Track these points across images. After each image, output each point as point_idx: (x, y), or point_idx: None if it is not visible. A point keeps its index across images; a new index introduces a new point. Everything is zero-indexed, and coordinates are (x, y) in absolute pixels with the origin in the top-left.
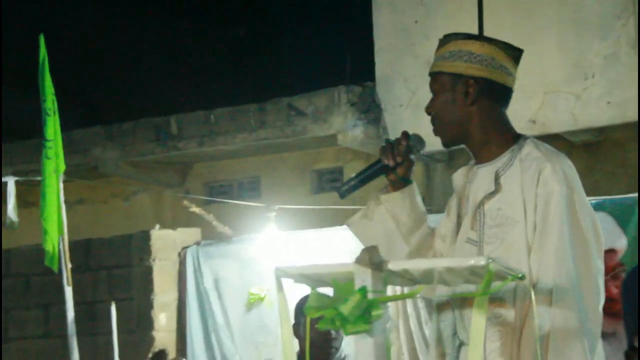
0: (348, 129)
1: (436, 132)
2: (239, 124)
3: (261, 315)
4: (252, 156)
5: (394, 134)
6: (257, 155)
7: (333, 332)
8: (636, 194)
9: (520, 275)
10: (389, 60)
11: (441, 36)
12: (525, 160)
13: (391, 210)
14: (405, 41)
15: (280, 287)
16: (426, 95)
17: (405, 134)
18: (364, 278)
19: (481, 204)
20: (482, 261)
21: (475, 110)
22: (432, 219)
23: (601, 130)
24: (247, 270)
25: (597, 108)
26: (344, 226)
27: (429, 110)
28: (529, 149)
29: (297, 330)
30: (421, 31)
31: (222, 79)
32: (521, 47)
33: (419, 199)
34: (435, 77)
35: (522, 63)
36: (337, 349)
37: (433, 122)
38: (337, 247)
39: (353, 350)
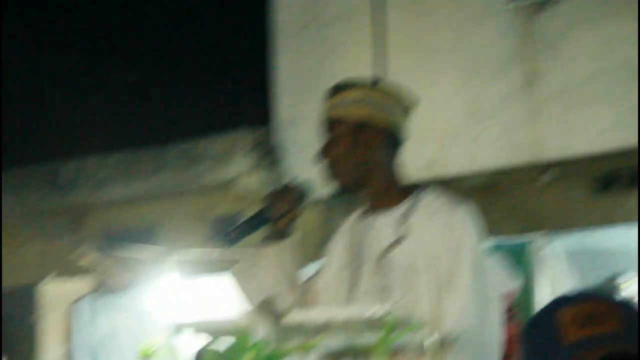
0: (247, 174)
1: (335, 176)
2: (135, 169)
3: None
4: (149, 202)
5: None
6: (154, 201)
7: None
8: (531, 236)
9: (419, 324)
10: (289, 104)
11: (339, 80)
12: (430, 207)
13: (277, 261)
14: (305, 84)
15: (176, 342)
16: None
17: (293, 185)
18: (261, 330)
19: (386, 251)
20: (381, 311)
21: (379, 156)
22: None
23: (495, 173)
24: (143, 322)
25: (492, 151)
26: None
27: (329, 154)
28: (432, 196)
29: None
30: (321, 74)
31: (119, 123)
32: (418, 90)
33: (298, 250)
34: (339, 122)
35: (421, 106)
36: None
37: (332, 166)
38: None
39: None
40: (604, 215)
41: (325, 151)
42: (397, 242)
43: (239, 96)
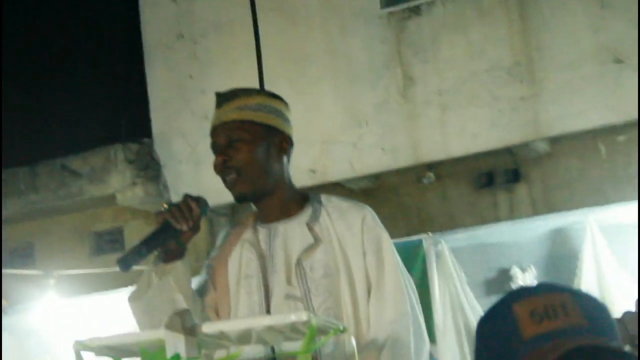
0: (126, 188)
1: (236, 184)
2: (8, 188)
3: None
4: (24, 221)
5: (175, 191)
6: (29, 220)
7: None
8: (419, 236)
9: (341, 328)
10: (165, 117)
11: (218, 90)
12: (334, 212)
13: (177, 280)
14: (181, 97)
15: None
16: (206, 150)
17: (193, 197)
18: (177, 344)
19: (302, 257)
20: (303, 316)
21: (283, 164)
22: None
23: (377, 176)
24: (26, 344)
25: (372, 155)
26: (129, 287)
27: (228, 159)
28: (331, 201)
29: None
30: (197, 86)
31: None
32: (298, 98)
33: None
34: (242, 125)
35: (301, 114)
36: None
37: (231, 173)
38: (123, 311)
39: None
40: (487, 211)
41: (227, 156)
42: (312, 246)
43: (114, 111)
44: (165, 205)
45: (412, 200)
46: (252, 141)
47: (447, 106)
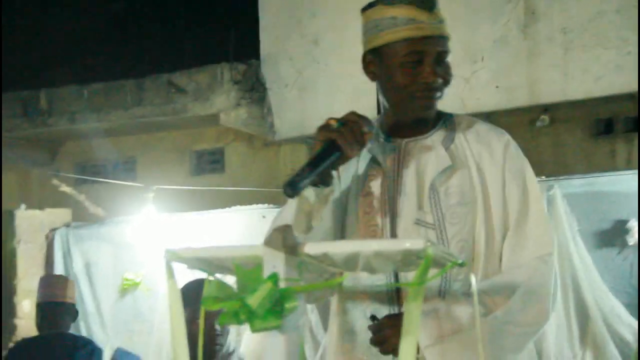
0: (230, 109)
1: (434, 105)
2: (114, 100)
3: (136, 302)
4: (128, 135)
5: (278, 115)
6: (133, 134)
7: (218, 328)
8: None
9: (460, 261)
10: (274, 38)
11: (329, 13)
12: (471, 134)
13: (333, 210)
14: (291, 18)
15: (170, 273)
16: (312, 76)
17: (362, 117)
18: (275, 263)
19: (436, 180)
20: (419, 244)
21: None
22: None
23: (489, 115)
24: (122, 255)
25: (485, 92)
26: (227, 209)
27: (442, 76)
28: (466, 122)
29: None
30: (308, 8)
31: (98, 53)
32: None
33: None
34: (444, 40)
35: None
36: (222, 346)
37: (438, 91)
38: (219, 231)
39: (244, 342)
40: (602, 160)
41: (443, 72)
42: (449, 170)
43: (222, 30)
44: (334, 122)
45: (524, 142)
46: (446, 58)
47: (570, 45)
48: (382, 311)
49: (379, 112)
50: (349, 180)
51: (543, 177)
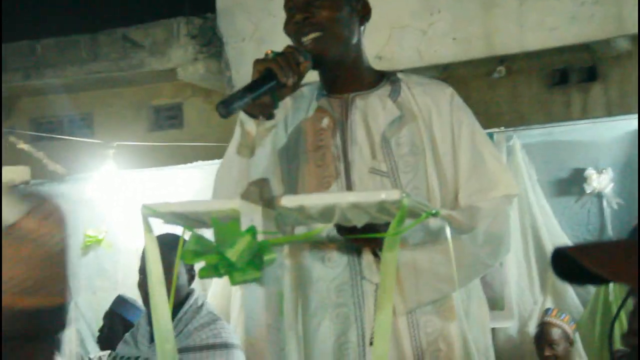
0: (188, 63)
1: (318, 42)
2: (68, 55)
3: (99, 258)
4: (84, 91)
5: (236, 69)
6: (89, 89)
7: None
8: (490, 130)
9: (433, 211)
10: None
11: None
12: (416, 87)
13: (273, 141)
14: None
15: (148, 228)
16: (269, 28)
17: (299, 50)
18: (253, 216)
19: (387, 131)
20: (395, 195)
21: (361, 33)
22: None
23: (446, 67)
24: (82, 211)
25: (442, 44)
26: (189, 164)
27: (310, 16)
28: (410, 77)
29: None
30: None
31: (50, 7)
32: None
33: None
34: None
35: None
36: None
37: (313, 31)
38: (180, 186)
39: (209, 296)
40: (558, 110)
41: (309, 13)
42: (398, 120)
43: None
44: (270, 52)
45: (481, 94)
46: (332, 2)
47: None
48: (343, 259)
49: None
50: (298, 135)
51: (502, 127)
